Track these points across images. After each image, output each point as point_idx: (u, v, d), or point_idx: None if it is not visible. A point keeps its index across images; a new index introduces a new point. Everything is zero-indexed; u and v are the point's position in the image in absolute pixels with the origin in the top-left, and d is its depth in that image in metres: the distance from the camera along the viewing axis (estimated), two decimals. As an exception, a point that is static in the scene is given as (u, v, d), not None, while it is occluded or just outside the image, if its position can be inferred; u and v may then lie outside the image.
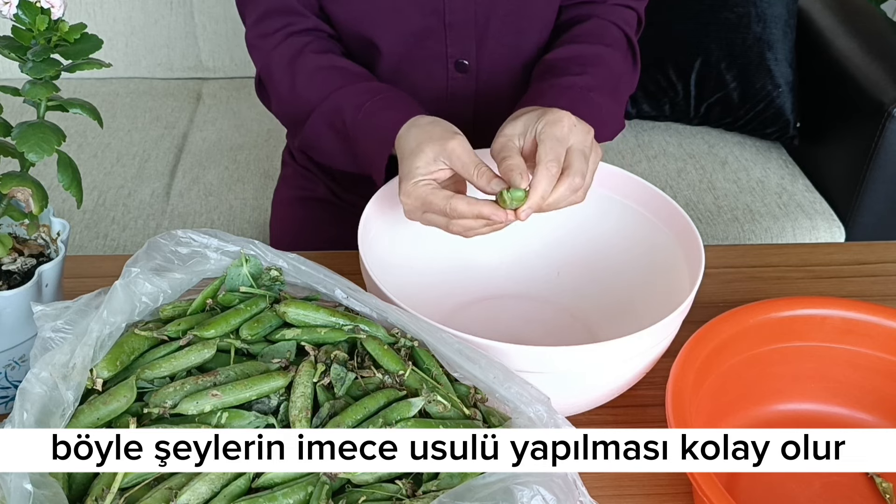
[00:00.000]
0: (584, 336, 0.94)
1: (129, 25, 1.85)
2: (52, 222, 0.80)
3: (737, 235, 1.60)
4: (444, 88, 1.09)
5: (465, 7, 1.03)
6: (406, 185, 0.81)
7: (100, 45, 0.73)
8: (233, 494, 0.57)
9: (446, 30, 1.04)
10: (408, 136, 0.86)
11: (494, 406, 0.66)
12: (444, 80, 1.08)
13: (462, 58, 1.07)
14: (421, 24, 1.04)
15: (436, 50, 1.06)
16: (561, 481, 0.57)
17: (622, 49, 1.07)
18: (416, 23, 1.04)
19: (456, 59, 1.07)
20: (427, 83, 1.08)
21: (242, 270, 0.70)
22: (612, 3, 1.08)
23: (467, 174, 0.80)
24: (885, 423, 0.83)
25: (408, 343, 0.69)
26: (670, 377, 0.75)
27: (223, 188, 1.62)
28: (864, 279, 1.02)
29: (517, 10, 1.06)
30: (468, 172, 0.80)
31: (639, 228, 0.93)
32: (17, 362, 0.76)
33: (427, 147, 0.82)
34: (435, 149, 0.81)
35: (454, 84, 1.09)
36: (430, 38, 1.05)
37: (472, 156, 0.80)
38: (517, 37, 1.08)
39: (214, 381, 0.63)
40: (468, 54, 1.07)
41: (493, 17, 1.05)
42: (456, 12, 1.03)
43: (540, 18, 1.08)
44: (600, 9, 1.08)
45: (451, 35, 1.05)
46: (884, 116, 1.52)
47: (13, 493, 0.53)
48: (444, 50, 1.06)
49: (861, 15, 1.74)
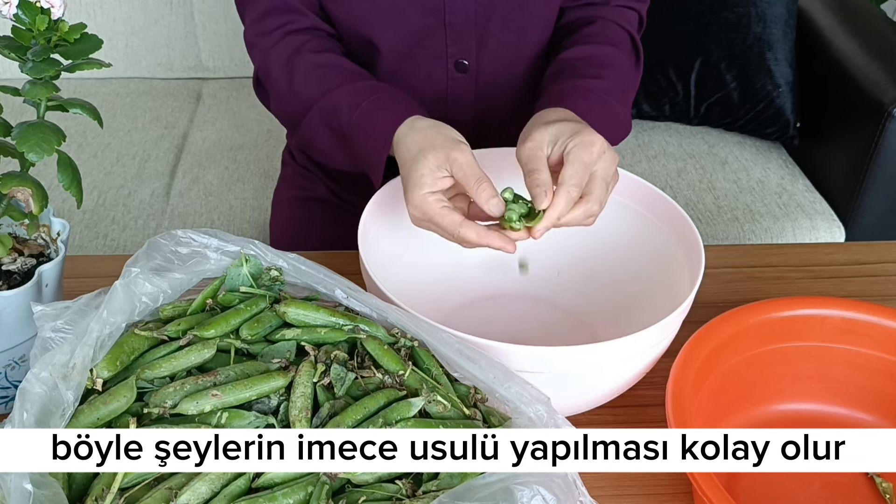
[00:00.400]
0: (584, 336, 0.94)
1: (129, 25, 1.85)
2: (52, 222, 0.80)
3: (737, 235, 1.60)
4: (444, 88, 1.09)
5: (466, 6, 1.03)
6: (413, 197, 0.81)
7: (100, 45, 0.73)
8: (233, 494, 0.57)
9: (446, 29, 1.04)
10: (407, 140, 0.86)
11: (494, 406, 0.66)
12: (443, 79, 1.08)
13: (462, 58, 1.07)
14: (421, 23, 1.04)
15: (436, 49, 1.06)
16: (561, 481, 0.57)
17: (627, 50, 1.07)
18: (416, 22, 1.04)
19: (456, 58, 1.07)
20: (427, 83, 1.08)
21: (242, 270, 0.70)
22: (615, 4, 1.08)
23: (468, 186, 0.80)
24: (885, 423, 0.83)
25: (408, 343, 0.69)
26: (670, 377, 0.75)
27: (223, 188, 1.62)
28: (864, 279, 1.02)
29: (517, 9, 1.06)
30: (469, 185, 0.79)
31: (639, 228, 0.93)
32: (17, 362, 0.76)
33: (430, 154, 0.81)
34: (439, 157, 0.81)
35: (454, 84, 1.09)
36: (430, 38, 1.05)
37: (475, 168, 0.80)
38: (517, 36, 1.08)
39: (214, 381, 0.63)
40: (468, 54, 1.07)
41: (494, 16, 1.05)
42: (456, 11, 1.03)
43: (540, 18, 1.08)
44: (604, 10, 1.07)
45: (451, 35, 1.05)
46: (884, 116, 1.52)
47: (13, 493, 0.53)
48: (444, 49, 1.06)
49: (861, 15, 1.74)
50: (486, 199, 0.78)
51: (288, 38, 1.03)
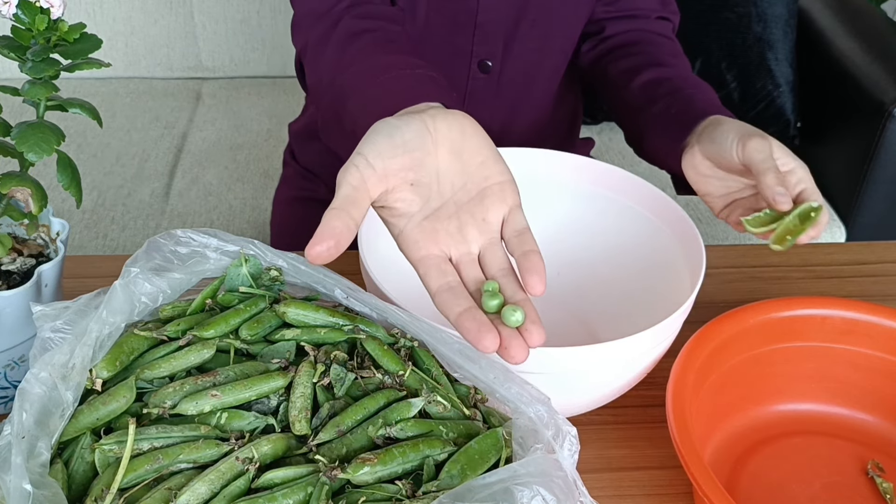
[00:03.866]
0: (585, 336, 0.93)
1: (129, 25, 1.85)
2: (51, 222, 0.79)
3: (737, 235, 1.60)
4: (464, 87, 1.08)
5: (498, 8, 1.03)
6: None
7: (99, 44, 0.73)
8: (233, 494, 0.57)
9: (476, 28, 1.04)
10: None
11: (494, 406, 0.66)
12: (465, 78, 1.08)
13: (487, 58, 1.06)
14: (452, 19, 1.03)
15: (462, 47, 1.05)
16: (561, 481, 0.57)
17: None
18: (447, 17, 1.03)
19: (480, 58, 1.06)
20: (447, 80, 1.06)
21: (242, 270, 0.70)
22: (656, 16, 1.08)
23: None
24: (885, 423, 0.83)
25: (408, 343, 0.69)
26: (671, 377, 0.75)
27: (223, 188, 1.62)
28: (865, 279, 1.02)
29: (546, 14, 1.05)
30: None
31: (639, 228, 0.93)
32: (17, 362, 0.76)
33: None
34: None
35: (475, 84, 1.08)
36: (458, 35, 1.05)
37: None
38: (543, 41, 1.07)
39: (214, 382, 0.63)
40: (493, 55, 1.06)
41: (524, 20, 1.04)
42: (488, 12, 1.03)
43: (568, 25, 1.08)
44: (644, 23, 1.07)
45: (479, 34, 1.04)
46: (884, 116, 1.52)
47: (13, 493, 0.53)
48: (469, 48, 1.05)
49: (861, 15, 1.74)
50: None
51: (346, 19, 0.93)
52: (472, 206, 0.62)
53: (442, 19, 1.03)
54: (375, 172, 0.58)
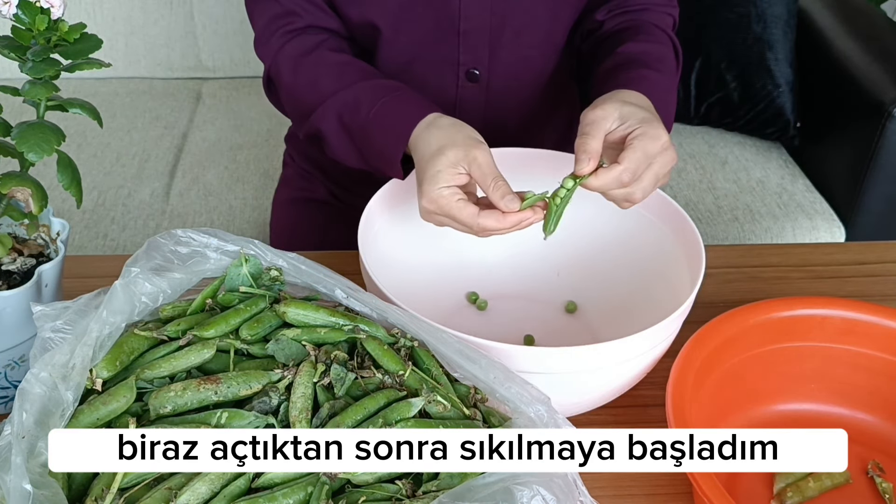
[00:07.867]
0: (584, 336, 0.94)
1: (129, 25, 1.85)
2: (51, 222, 0.79)
3: (737, 235, 1.60)
4: (454, 97, 1.08)
5: (481, 16, 1.03)
6: (430, 190, 0.81)
7: (99, 44, 0.73)
8: (233, 494, 0.57)
9: (460, 37, 1.04)
10: (428, 135, 0.85)
11: (494, 406, 0.66)
12: (453, 88, 1.08)
13: (473, 67, 1.06)
14: (434, 28, 1.03)
15: (447, 57, 1.05)
16: (561, 481, 0.57)
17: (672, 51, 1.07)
18: (430, 27, 1.03)
19: (468, 68, 1.06)
20: (436, 91, 1.07)
21: (242, 270, 0.70)
22: (656, 10, 1.08)
23: (484, 184, 0.80)
24: (885, 423, 0.83)
25: (408, 343, 0.69)
26: (671, 377, 0.75)
27: (223, 188, 1.62)
28: (864, 279, 1.02)
29: (531, 22, 1.05)
30: (485, 183, 0.80)
31: (639, 229, 0.93)
32: (17, 362, 0.76)
33: (450, 150, 0.81)
34: (458, 154, 0.81)
35: (463, 93, 1.08)
36: (442, 45, 1.05)
37: (493, 168, 0.80)
38: (529, 49, 1.07)
39: (216, 391, 0.62)
40: (480, 64, 1.06)
41: (508, 27, 1.04)
42: (471, 20, 1.03)
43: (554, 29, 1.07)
44: (645, 15, 1.07)
45: (464, 43, 1.04)
46: (884, 116, 1.52)
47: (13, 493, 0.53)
48: (456, 57, 1.05)
49: (861, 15, 1.74)
50: (501, 196, 0.79)
51: (303, 35, 1.01)
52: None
53: (425, 30, 1.03)
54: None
